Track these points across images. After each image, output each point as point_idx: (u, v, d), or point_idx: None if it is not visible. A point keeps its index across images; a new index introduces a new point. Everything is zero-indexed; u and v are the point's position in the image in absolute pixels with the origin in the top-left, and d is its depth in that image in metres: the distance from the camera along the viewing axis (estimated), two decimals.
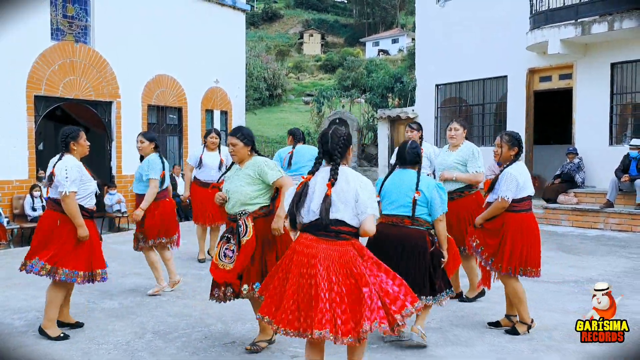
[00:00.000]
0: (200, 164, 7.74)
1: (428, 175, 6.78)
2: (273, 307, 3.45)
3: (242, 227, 4.23)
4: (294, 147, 7.30)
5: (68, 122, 15.53)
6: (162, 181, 6.07)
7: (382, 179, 4.62)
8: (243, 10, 16.81)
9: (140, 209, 5.96)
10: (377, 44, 60.56)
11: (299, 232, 3.52)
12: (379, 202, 4.00)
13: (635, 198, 10.30)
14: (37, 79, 11.83)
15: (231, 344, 4.62)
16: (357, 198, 3.39)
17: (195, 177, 7.84)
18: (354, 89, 25.49)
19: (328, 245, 3.36)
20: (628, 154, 10.51)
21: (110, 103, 13.37)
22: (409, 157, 4.54)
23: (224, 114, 16.38)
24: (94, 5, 12.86)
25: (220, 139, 8.04)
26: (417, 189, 4.38)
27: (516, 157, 4.82)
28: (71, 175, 4.66)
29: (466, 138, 5.86)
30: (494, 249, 4.73)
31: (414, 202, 4.36)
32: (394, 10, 68.16)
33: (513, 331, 4.78)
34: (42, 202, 11.37)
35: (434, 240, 4.44)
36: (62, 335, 4.73)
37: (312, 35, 62.61)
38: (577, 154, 11.67)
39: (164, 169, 6.07)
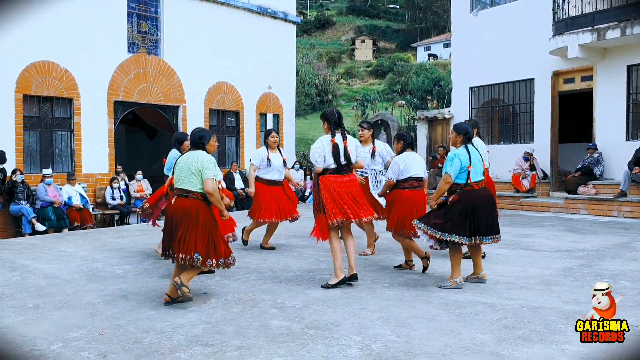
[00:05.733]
0: (269, 164, 8.01)
1: (380, 171, 7.85)
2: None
3: None
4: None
5: (138, 125, 17.55)
6: None
7: (465, 153, 5.74)
8: (293, 23, 18.46)
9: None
10: (428, 48, 60.82)
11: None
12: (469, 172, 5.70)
13: None
14: (116, 87, 13.74)
15: (279, 282, 6.13)
16: (357, 149, 5.97)
17: (258, 177, 8.05)
18: (396, 93, 26.66)
19: (350, 177, 5.87)
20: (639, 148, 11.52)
21: (177, 107, 15.21)
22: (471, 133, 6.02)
23: (276, 117, 18.04)
24: (163, 21, 14.75)
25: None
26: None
27: (404, 149, 6.70)
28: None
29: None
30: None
31: (486, 171, 6.10)
32: (446, 15, 68.52)
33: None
34: (120, 192, 13.23)
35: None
36: None
37: (364, 41, 63.50)
38: (596, 149, 12.70)
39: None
